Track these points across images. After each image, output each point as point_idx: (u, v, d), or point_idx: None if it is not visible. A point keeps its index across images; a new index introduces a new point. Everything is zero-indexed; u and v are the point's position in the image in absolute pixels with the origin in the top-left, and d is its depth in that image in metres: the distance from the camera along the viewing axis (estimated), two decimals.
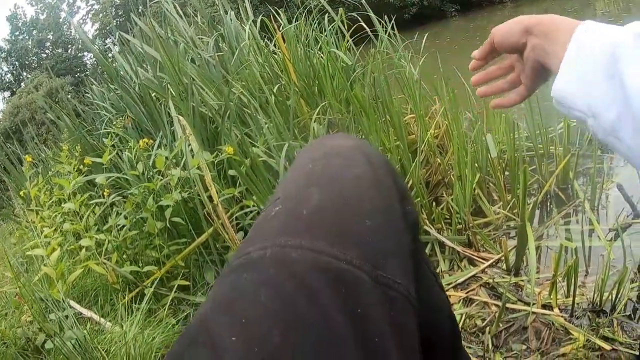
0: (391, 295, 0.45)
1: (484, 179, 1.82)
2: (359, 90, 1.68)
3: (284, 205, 0.49)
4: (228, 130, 1.78)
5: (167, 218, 1.83)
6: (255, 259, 0.43)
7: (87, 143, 3.01)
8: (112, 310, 1.94)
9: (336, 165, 0.53)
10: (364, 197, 0.50)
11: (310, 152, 0.58)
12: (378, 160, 0.56)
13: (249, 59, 2.01)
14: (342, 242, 0.44)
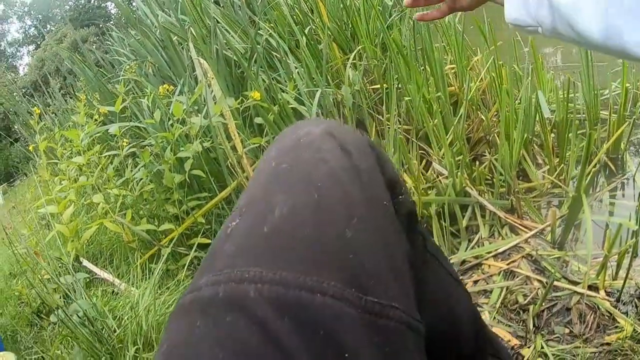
0: (386, 326, 0.36)
1: (530, 140, 1.67)
2: (397, 35, 1.53)
3: (243, 219, 0.38)
4: (255, 75, 1.65)
5: (186, 171, 1.73)
6: (207, 299, 0.34)
7: (106, 91, 2.92)
8: (128, 270, 1.85)
9: (305, 160, 0.42)
10: (341, 200, 0.39)
11: (277, 144, 0.46)
12: (356, 143, 0.45)
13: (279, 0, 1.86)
14: (315, 267, 0.35)
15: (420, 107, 1.45)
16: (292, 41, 1.74)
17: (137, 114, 2.38)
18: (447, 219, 1.44)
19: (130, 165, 2.13)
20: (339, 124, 0.49)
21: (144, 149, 1.98)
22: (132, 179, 1.96)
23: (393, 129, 1.45)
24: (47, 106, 5.59)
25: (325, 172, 0.40)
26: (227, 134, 1.70)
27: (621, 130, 1.73)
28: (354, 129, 0.50)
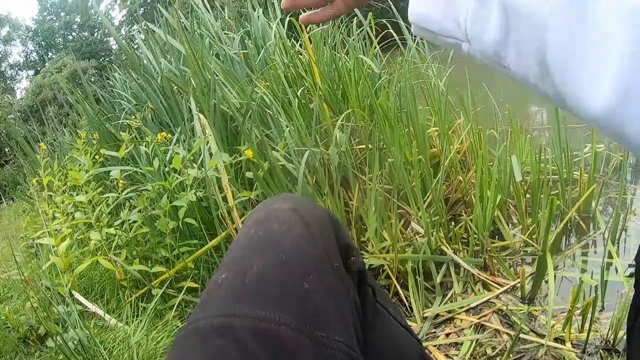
0: (331, 354, 0.48)
1: (504, 201, 1.77)
2: (384, 99, 1.65)
3: (228, 273, 0.53)
4: (248, 131, 1.76)
5: (180, 218, 1.81)
6: (204, 328, 0.48)
7: (105, 131, 3.01)
8: (118, 307, 1.92)
9: (275, 230, 0.57)
10: (302, 260, 0.53)
11: (253, 218, 0.62)
12: (316, 218, 0.60)
13: (274, 59, 1.98)
14: (281, 308, 0.48)
15: (401, 169, 1.55)
16: (285, 99, 1.85)
17: (135, 157, 2.46)
18: (422, 275, 1.52)
19: (127, 206, 2.20)
20: (304, 200, 0.65)
21: (141, 194, 2.06)
22: (127, 220, 2.04)
23: (375, 188, 1.55)
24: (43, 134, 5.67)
25: (290, 239, 0.55)
26: (220, 186, 1.79)
27: (591, 190, 1.84)
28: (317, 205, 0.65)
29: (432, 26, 0.42)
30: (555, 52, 0.32)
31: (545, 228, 1.38)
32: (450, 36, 0.41)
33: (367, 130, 1.68)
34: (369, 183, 1.59)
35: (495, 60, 0.38)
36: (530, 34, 0.33)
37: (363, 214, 1.64)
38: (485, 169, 1.62)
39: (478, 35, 0.38)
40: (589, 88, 0.31)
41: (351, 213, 1.69)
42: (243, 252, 0.55)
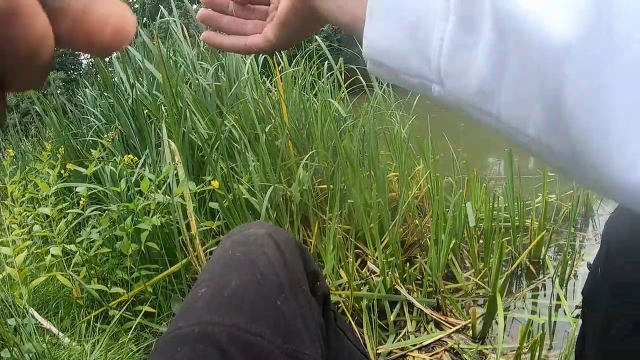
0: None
1: (458, 245, 1.85)
2: (348, 142, 1.72)
3: (208, 287, 0.58)
4: (215, 162, 1.79)
5: (142, 241, 1.82)
6: (186, 334, 0.52)
7: (70, 146, 2.98)
8: (72, 325, 1.89)
9: (252, 252, 0.63)
10: (276, 281, 0.60)
11: (230, 240, 0.68)
12: (288, 245, 0.67)
13: (245, 94, 2.03)
14: (256, 320, 0.54)
15: (360, 210, 1.60)
16: (253, 134, 1.90)
17: (99, 176, 2.45)
18: (377, 313, 1.57)
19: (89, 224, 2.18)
20: (277, 228, 0.72)
21: (105, 213, 2.05)
22: (88, 239, 2.02)
23: (334, 228, 1.60)
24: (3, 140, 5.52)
25: (265, 261, 0.61)
26: (184, 213, 1.81)
27: (541, 237, 1.93)
28: (287, 233, 0.72)
29: (392, 62, 0.33)
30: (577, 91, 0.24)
31: (495, 271, 1.46)
32: (415, 75, 0.32)
33: (330, 171, 1.74)
34: (329, 222, 1.65)
35: (477, 105, 0.29)
36: (541, 68, 0.25)
37: (321, 251, 1.68)
38: (441, 214, 1.69)
39: (457, 73, 0.29)
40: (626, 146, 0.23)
41: (309, 250, 1.73)
42: (222, 269, 0.61)
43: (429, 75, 0.31)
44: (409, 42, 0.31)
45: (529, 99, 0.27)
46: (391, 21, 0.32)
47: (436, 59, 0.30)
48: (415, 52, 0.31)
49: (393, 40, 0.32)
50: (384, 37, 0.33)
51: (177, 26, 2.70)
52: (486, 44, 0.28)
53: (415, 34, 0.31)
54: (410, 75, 0.32)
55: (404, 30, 0.31)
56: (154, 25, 3.22)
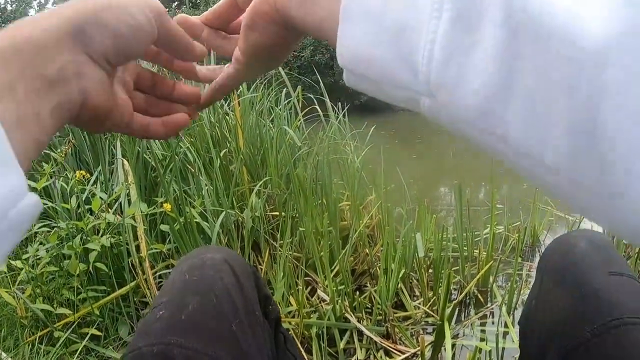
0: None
1: (408, 275, 1.88)
2: (302, 170, 1.73)
3: (166, 309, 0.60)
4: (168, 184, 1.77)
5: (90, 262, 1.78)
6: (145, 354, 0.54)
7: None
8: (15, 346, 1.82)
9: (209, 276, 0.65)
10: (231, 305, 0.62)
11: (187, 263, 0.70)
12: (243, 270, 0.69)
13: (202, 116, 2.03)
14: (213, 343, 0.57)
15: (311, 238, 1.62)
16: (208, 157, 1.89)
17: (48, 191, 2.38)
18: (326, 341, 1.57)
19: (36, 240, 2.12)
20: (233, 253, 0.74)
21: (54, 230, 2.00)
22: (35, 255, 1.96)
23: (285, 255, 1.60)
24: None
25: (221, 286, 0.64)
26: (134, 235, 1.78)
27: (488, 267, 1.99)
28: (242, 258, 0.74)
29: (373, 71, 0.27)
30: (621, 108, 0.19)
31: (443, 300, 1.49)
32: (400, 87, 0.26)
33: (282, 198, 1.75)
34: (280, 249, 1.65)
35: (477, 123, 0.24)
36: (569, 76, 0.20)
37: (271, 278, 1.68)
38: (391, 244, 1.72)
39: (451, 83, 0.24)
40: None
41: None
42: (180, 292, 0.63)
43: (417, 87, 0.25)
44: (393, 47, 0.25)
45: (548, 117, 0.21)
46: (371, 22, 0.26)
47: (425, 66, 0.24)
48: (400, 59, 0.25)
49: (373, 46, 0.26)
50: (361, 42, 0.27)
51: None
52: (491, 45, 0.22)
53: (401, 36, 0.25)
54: (394, 87, 0.27)
55: (386, 32, 0.26)
56: None
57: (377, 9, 0.26)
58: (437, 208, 2.57)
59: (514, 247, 2.32)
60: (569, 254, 0.74)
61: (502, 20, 0.22)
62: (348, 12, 0.27)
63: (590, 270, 0.69)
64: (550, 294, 0.74)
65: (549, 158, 0.22)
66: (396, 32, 0.25)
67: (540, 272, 0.80)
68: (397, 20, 0.25)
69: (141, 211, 1.75)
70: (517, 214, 2.55)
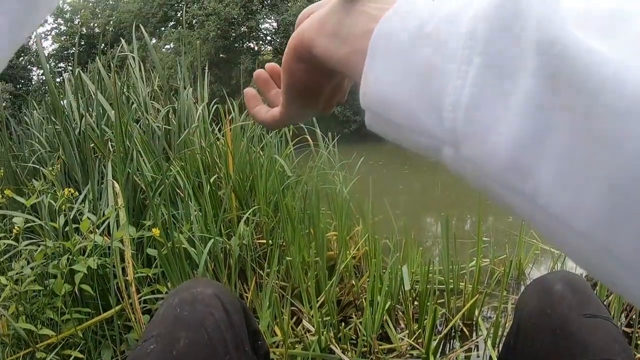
0: None
1: (394, 307, 1.88)
2: (290, 199, 1.75)
3: (158, 343, 0.62)
4: (156, 207, 1.77)
5: (76, 283, 1.76)
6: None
7: (10, 169, 2.87)
8: None
9: (200, 312, 0.66)
10: (222, 341, 0.64)
11: (178, 297, 0.71)
12: (233, 305, 0.71)
13: (194, 141, 2.04)
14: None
15: (298, 268, 1.62)
16: (197, 182, 1.90)
17: (37, 207, 2.36)
18: None
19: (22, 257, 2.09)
20: (222, 287, 0.75)
21: (40, 249, 1.98)
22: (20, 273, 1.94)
23: (271, 284, 1.60)
24: None
25: (212, 321, 0.65)
26: (121, 257, 1.77)
27: (474, 300, 1.99)
28: (232, 293, 0.76)
29: (395, 114, 0.26)
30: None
31: (429, 333, 1.49)
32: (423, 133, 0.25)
33: (270, 226, 1.75)
34: (266, 278, 1.65)
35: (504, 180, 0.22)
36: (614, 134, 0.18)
37: (257, 307, 1.68)
38: (378, 276, 1.73)
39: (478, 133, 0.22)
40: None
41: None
42: (171, 327, 0.64)
43: (441, 134, 0.24)
44: (419, 89, 0.24)
45: (585, 179, 0.19)
46: (399, 61, 0.25)
47: (452, 112, 0.23)
48: (425, 102, 0.24)
49: (398, 86, 0.25)
50: (387, 81, 0.26)
51: (135, 62, 2.69)
52: (525, 95, 0.20)
53: (428, 78, 0.24)
54: (416, 132, 0.25)
55: (414, 73, 0.24)
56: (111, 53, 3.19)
57: (405, 48, 0.25)
58: (424, 240, 2.59)
59: (499, 280, 2.33)
60: (546, 296, 0.76)
61: (539, 69, 0.20)
62: (375, 50, 0.26)
63: (566, 313, 0.72)
64: (528, 334, 0.76)
65: (581, 223, 0.19)
66: (424, 74, 0.24)
67: (518, 313, 0.83)
68: (426, 60, 0.24)
69: (129, 235, 1.75)
70: (503, 246, 2.57)
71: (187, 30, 20.25)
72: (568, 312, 0.71)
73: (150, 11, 26.72)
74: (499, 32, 0.22)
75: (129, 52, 2.87)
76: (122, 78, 2.77)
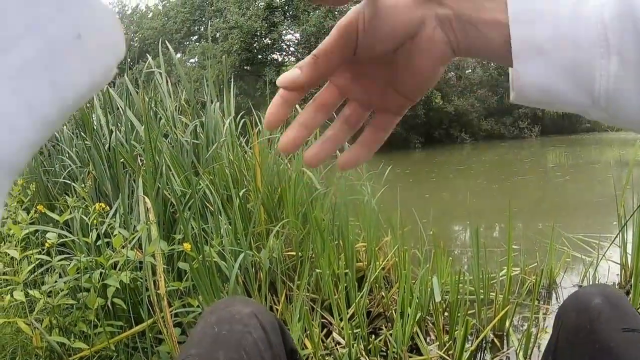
0: None
1: (424, 318, 1.87)
2: (319, 211, 1.75)
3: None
4: (186, 221, 1.80)
5: (109, 297, 1.79)
6: None
7: (42, 184, 2.95)
8: None
9: (238, 331, 0.67)
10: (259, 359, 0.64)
11: (216, 316, 0.71)
12: (270, 324, 0.71)
13: (222, 154, 2.06)
14: None
15: (328, 280, 1.62)
16: (226, 196, 1.92)
17: (68, 222, 2.42)
18: None
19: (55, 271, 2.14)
20: (260, 306, 0.76)
21: (73, 263, 2.02)
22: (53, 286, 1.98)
23: (301, 296, 1.60)
24: None
25: (251, 341, 0.65)
26: (152, 271, 1.79)
27: (505, 311, 1.96)
28: (270, 312, 0.76)
29: (551, 97, 0.35)
30: None
31: (460, 345, 1.47)
32: (575, 105, 0.35)
33: (299, 238, 1.76)
34: (296, 290, 1.66)
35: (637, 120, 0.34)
36: None
37: (287, 319, 1.68)
38: (408, 287, 1.72)
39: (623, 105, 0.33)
40: None
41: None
42: (209, 346, 0.65)
43: (594, 106, 0.34)
44: (569, 82, 0.33)
45: None
46: (544, 63, 0.33)
47: (604, 96, 0.33)
48: (578, 89, 0.33)
49: (549, 80, 0.34)
50: (537, 76, 0.34)
51: (162, 78, 2.73)
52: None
53: (577, 72, 0.33)
54: (569, 105, 0.35)
55: (563, 69, 0.33)
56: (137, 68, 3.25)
57: (549, 50, 0.33)
58: (452, 249, 2.57)
59: (530, 289, 2.29)
60: (584, 311, 0.76)
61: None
62: (519, 53, 0.34)
63: (604, 327, 0.71)
64: (566, 349, 0.75)
65: None
66: (572, 69, 0.33)
67: (557, 328, 0.82)
68: (571, 59, 0.33)
69: (161, 249, 1.77)
70: (533, 254, 2.53)
71: (211, 44, 20.52)
72: (607, 327, 0.71)
73: (173, 27, 27.22)
74: (626, 36, 0.31)
75: (155, 67, 2.92)
76: (149, 93, 2.82)
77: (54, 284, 1.96)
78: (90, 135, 2.82)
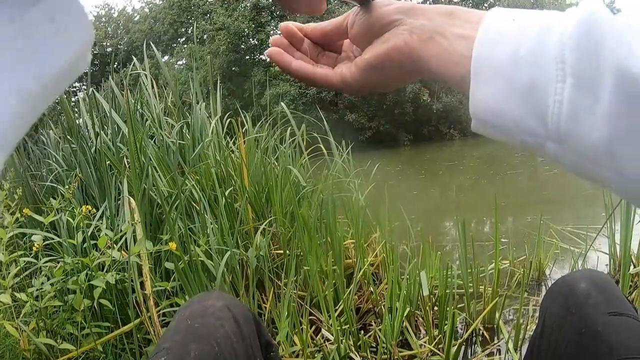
0: None
1: (413, 313, 1.87)
2: (306, 209, 1.75)
3: (168, 355, 0.62)
4: (173, 221, 1.79)
5: (95, 298, 1.78)
6: None
7: (28, 188, 2.92)
8: None
9: (210, 324, 0.67)
10: (232, 353, 0.64)
11: (190, 309, 0.72)
12: (244, 317, 0.71)
13: (208, 154, 2.05)
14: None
15: (316, 277, 1.62)
16: (213, 196, 1.91)
17: (55, 224, 2.40)
18: None
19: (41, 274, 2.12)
20: (234, 299, 0.76)
21: (59, 265, 2.01)
22: (40, 289, 1.96)
23: (289, 294, 1.60)
24: None
25: (223, 333, 0.66)
26: (139, 271, 1.78)
27: (494, 303, 1.97)
28: (244, 305, 0.75)
29: (503, 122, 0.33)
30: None
31: (449, 338, 1.48)
32: (529, 134, 0.32)
33: (287, 236, 1.76)
34: (284, 288, 1.65)
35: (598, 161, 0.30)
36: None
37: (275, 317, 1.68)
38: (396, 282, 1.72)
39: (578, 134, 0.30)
40: None
41: (264, 315, 1.72)
42: (181, 339, 0.65)
43: (546, 135, 0.31)
44: (524, 103, 0.31)
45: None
46: (500, 84, 0.32)
47: (555, 121, 0.30)
48: (531, 113, 0.31)
49: (503, 103, 0.32)
50: (492, 98, 0.33)
51: (147, 80, 2.72)
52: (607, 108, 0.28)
53: (531, 94, 0.31)
54: (523, 134, 0.33)
55: (517, 91, 0.31)
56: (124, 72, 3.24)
57: (506, 71, 0.32)
58: (442, 244, 2.58)
59: (519, 281, 2.30)
60: (571, 295, 0.76)
61: (615, 88, 0.28)
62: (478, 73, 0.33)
63: (591, 312, 0.71)
64: (553, 334, 0.75)
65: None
66: (526, 91, 0.31)
67: (543, 313, 0.82)
68: (526, 82, 0.31)
69: (146, 249, 1.76)
70: (522, 247, 2.54)
71: (198, 46, 20.47)
72: (593, 311, 0.71)
73: (161, 29, 27.11)
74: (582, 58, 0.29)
75: (141, 70, 2.91)
76: (135, 95, 2.81)
77: (41, 287, 1.95)
78: (76, 139, 2.80)
